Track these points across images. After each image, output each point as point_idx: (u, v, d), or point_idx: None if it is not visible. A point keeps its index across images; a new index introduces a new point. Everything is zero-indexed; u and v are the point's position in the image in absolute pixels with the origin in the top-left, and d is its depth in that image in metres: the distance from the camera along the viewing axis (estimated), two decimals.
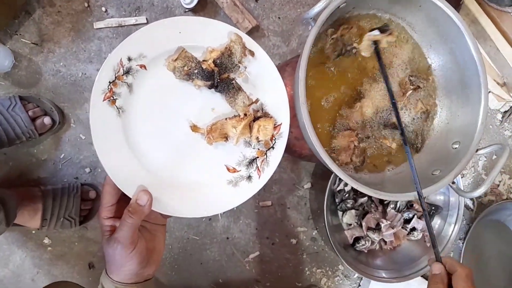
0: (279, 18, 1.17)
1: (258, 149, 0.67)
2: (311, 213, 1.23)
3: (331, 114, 0.74)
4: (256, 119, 0.65)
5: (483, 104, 0.69)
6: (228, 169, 0.66)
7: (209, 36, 0.64)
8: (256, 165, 0.66)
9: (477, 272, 1.36)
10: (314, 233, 1.24)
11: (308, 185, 1.20)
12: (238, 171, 0.66)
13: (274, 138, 0.66)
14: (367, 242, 1.21)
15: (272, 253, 1.20)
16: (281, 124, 0.66)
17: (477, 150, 0.69)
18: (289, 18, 1.17)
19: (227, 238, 1.16)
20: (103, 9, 1.05)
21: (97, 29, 1.05)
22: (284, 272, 1.21)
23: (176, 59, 0.62)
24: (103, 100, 0.60)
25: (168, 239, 1.13)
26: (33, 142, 1.03)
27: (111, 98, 0.60)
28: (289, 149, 0.85)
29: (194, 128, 0.65)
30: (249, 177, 0.66)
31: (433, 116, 0.78)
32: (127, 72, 0.61)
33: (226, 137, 0.66)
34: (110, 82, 0.60)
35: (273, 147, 0.67)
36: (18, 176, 1.04)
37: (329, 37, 0.71)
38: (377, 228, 1.22)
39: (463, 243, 1.35)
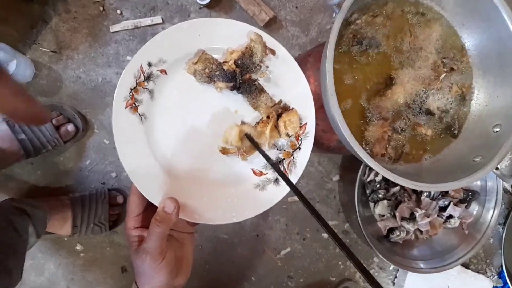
0: (296, 7, 1.13)
1: (284, 150, 0.64)
2: (341, 206, 1.20)
3: (361, 104, 0.70)
4: (278, 117, 0.63)
5: None
6: (255, 173, 0.64)
7: (228, 37, 0.62)
8: (283, 167, 0.63)
9: None
10: (345, 226, 1.21)
11: (336, 178, 1.17)
12: (265, 174, 0.64)
13: (300, 138, 0.63)
14: (401, 232, 1.17)
15: (304, 249, 1.17)
16: (306, 123, 0.63)
17: None
18: (306, 7, 1.13)
19: (257, 235, 1.14)
20: (118, 11, 1.04)
21: (113, 32, 1.04)
22: (317, 267, 1.19)
23: (196, 62, 0.60)
24: (125, 108, 0.58)
25: (199, 239, 1.12)
26: (58, 150, 1.04)
27: (133, 105, 0.59)
28: (316, 142, 0.81)
29: (224, 150, 0.63)
30: (277, 180, 0.63)
31: (470, 99, 0.73)
32: (148, 78, 0.59)
33: (257, 145, 0.63)
34: (131, 89, 0.58)
35: (299, 148, 0.64)
36: (46, 185, 1.05)
37: (352, 25, 0.67)
38: (412, 218, 1.17)
39: (503, 228, 1.29)
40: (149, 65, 0.59)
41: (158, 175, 0.60)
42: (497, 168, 0.64)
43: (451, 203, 1.18)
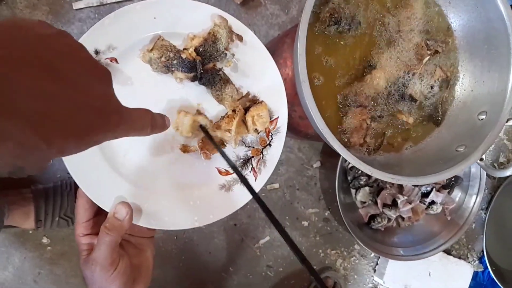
0: None
1: (253, 147, 0.58)
2: (322, 193, 1.16)
3: (339, 89, 0.65)
4: (246, 110, 0.57)
5: None
6: (220, 172, 0.58)
7: (189, 20, 0.55)
8: (251, 166, 0.58)
9: (501, 242, 1.29)
10: (326, 214, 1.17)
11: (317, 164, 1.13)
12: (231, 174, 0.58)
13: (270, 134, 0.58)
14: (383, 219, 1.14)
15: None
16: (277, 117, 0.58)
17: (507, 121, 0.60)
18: None
19: (235, 224, 1.10)
20: None
21: (76, 10, 0.96)
22: None
23: (151, 49, 0.53)
24: None
25: (173, 230, 1.07)
26: None
27: None
28: (294, 129, 0.76)
29: (185, 148, 0.56)
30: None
31: (454, 84, 0.68)
32: None
33: (222, 143, 0.57)
34: None
35: (270, 145, 0.58)
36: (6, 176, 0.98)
37: (329, 3, 0.61)
38: (394, 205, 1.15)
39: (485, 214, 1.27)
40: (96, 52, 0.52)
41: (108, 177, 0.53)
42: (481, 159, 0.60)
43: (434, 189, 1.16)
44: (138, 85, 0.55)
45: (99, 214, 0.53)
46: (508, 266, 1.28)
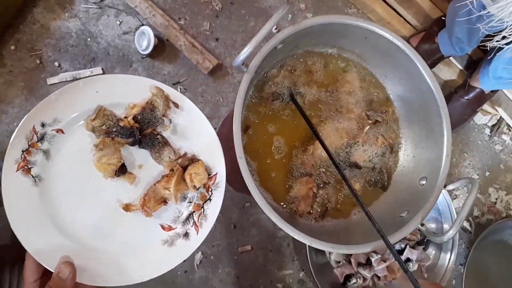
0: None
1: (195, 203, 0.61)
2: (296, 254, 1.16)
3: (285, 160, 0.68)
4: (185, 169, 0.60)
5: (446, 136, 0.63)
6: (163, 228, 0.60)
7: (130, 92, 0.60)
8: (193, 220, 0.60)
9: None
10: (301, 275, 1.16)
11: None
12: (173, 229, 0.61)
13: (210, 189, 0.61)
14: (358, 279, 1.13)
15: None
16: (216, 174, 0.61)
17: (445, 186, 0.63)
18: (253, 53, 1.13)
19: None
20: (56, 64, 1.02)
21: (51, 84, 1.02)
22: None
23: (94, 119, 0.58)
24: (17, 171, 0.55)
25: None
26: None
27: (26, 167, 0.56)
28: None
29: (127, 207, 0.60)
30: (186, 234, 0.60)
31: (397, 150, 0.72)
32: (42, 138, 0.57)
33: (164, 201, 0.60)
34: (23, 151, 0.56)
35: (210, 199, 0.61)
36: None
37: (270, 80, 0.66)
38: (368, 263, 1.14)
39: (464, 269, 1.26)
40: (43, 125, 0.57)
41: (53, 239, 0.56)
42: (422, 224, 0.62)
43: (408, 246, 1.15)
44: (83, 152, 0.59)
45: (46, 275, 0.55)
46: None
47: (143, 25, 1.08)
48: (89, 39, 1.06)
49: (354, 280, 1.13)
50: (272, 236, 1.13)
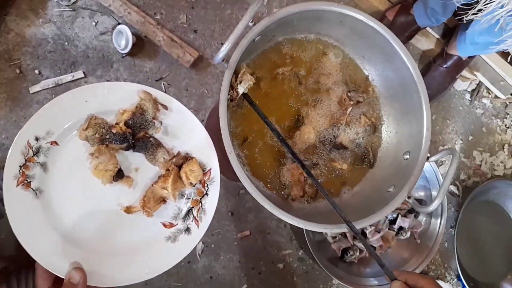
0: (221, 43, 1.13)
1: (192, 198, 0.64)
2: (293, 234, 1.19)
3: (274, 148, 0.70)
4: (180, 167, 0.62)
5: (425, 110, 0.66)
6: (165, 225, 0.63)
7: (118, 98, 0.61)
8: (192, 216, 0.63)
9: (475, 258, 1.32)
10: (300, 253, 1.20)
11: None
12: (175, 225, 0.63)
13: (206, 184, 0.63)
14: (355, 252, 1.17)
15: (261, 283, 1.16)
16: (210, 169, 0.63)
17: (428, 158, 0.66)
18: (232, 49, 1.13)
19: (211, 277, 1.12)
20: (37, 71, 1.02)
21: (33, 93, 1.01)
22: None
23: (86, 128, 0.59)
24: (17, 186, 0.57)
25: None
26: None
27: (25, 181, 0.57)
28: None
29: (128, 210, 0.62)
30: (188, 229, 0.63)
31: (380, 128, 0.74)
32: (37, 152, 0.58)
33: (163, 200, 0.63)
34: (20, 166, 0.57)
35: (206, 194, 0.64)
36: None
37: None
38: (363, 235, 1.18)
39: (455, 231, 1.31)
40: (37, 139, 0.58)
41: (61, 247, 0.58)
42: (409, 197, 0.65)
43: (399, 215, 1.20)
44: (79, 161, 0.61)
45: (58, 282, 0.57)
46: (486, 279, 1.31)
47: (119, 23, 1.07)
48: (66, 43, 1.05)
49: (351, 253, 1.17)
50: (269, 219, 1.16)
